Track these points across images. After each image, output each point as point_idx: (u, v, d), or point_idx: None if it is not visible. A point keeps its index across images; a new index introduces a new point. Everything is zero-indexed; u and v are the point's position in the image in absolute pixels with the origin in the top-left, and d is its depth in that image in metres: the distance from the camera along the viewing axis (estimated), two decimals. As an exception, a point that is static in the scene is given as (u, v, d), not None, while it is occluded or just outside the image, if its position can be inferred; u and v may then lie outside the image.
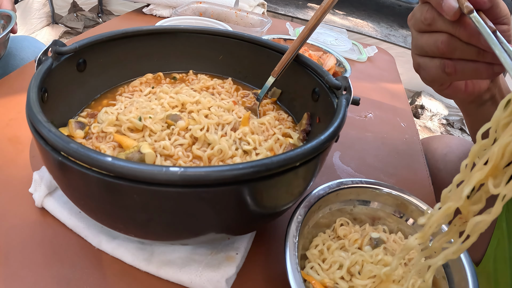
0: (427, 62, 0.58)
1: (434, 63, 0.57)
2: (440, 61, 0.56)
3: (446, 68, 0.55)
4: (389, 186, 0.58)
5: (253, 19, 1.38)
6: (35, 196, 0.57)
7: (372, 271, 0.49)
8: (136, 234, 0.45)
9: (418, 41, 0.58)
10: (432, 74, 0.58)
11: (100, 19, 3.50)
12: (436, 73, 0.57)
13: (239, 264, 0.52)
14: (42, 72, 0.50)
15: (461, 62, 0.55)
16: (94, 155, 0.35)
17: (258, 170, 0.36)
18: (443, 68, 0.56)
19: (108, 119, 0.56)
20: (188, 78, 0.74)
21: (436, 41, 0.55)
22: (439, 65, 0.56)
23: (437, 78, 0.58)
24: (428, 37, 0.56)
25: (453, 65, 0.55)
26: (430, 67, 0.58)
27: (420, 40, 0.57)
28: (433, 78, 0.59)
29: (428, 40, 0.56)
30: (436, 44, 0.55)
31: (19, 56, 1.14)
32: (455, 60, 0.55)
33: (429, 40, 0.56)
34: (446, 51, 0.54)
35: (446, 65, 0.55)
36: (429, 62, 0.57)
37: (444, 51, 0.55)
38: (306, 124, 0.63)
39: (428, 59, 0.57)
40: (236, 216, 0.43)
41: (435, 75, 0.57)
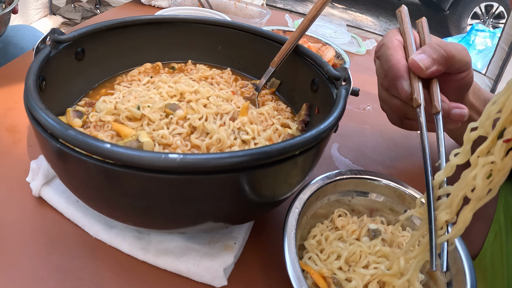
0: (389, 112, 0.64)
1: (394, 116, 0.63)
2: (398, 117, 0.62)
3: (403, 124, 0.62)
4: (387, 178, 0.59)
5: (252, 10, 1.38)
6: (33, 185, 0.57)
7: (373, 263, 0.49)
8: (134, 222, 0.45)
9: (380, 92, 0.63)
10: (394, 122, 0.64)
11: (98, 10, 3.48)
12: (395, 123, 0.64)
13: (237, 253, 0.53)
14: (40, 61, 0.50)
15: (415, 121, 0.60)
16: (92, 141, 0.35)
17: (257, 157, 0.36)
18: (401, 122, 0.62)
19: (106, 108, 0.55)
20: (186, 68, 0.74)
21: (391, 106, 0.60)
22: (397, 120, 0.62)
23: (398, 126, 0.64)
24: (387, 96, 0.61)
25: (409, 123, 0.61)
26: (391, 117, 0.64)
27: (381, 93, 0.63)
28: (395, 124, 0.65)
29: (387, 99, 0.61)
30: (391, 108, 0.61)
31: (19, 45, 1.14)
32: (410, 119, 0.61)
33: (388, 99, 0.61)
34: (401, 114, 0.60)
35: (402, 122, 0.62)
36: (390, 113, 0.64)
37: (399, 114, 0.60)
38: (305, 115, 0.63)
39: (390, 110, 0.63)
40: (234, 205, 0.43)
41: (396, 124, 0.64)
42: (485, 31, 3.74)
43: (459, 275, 0.49)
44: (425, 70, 0.53)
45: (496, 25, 4.39)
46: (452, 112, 0.55)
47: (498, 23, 4.38)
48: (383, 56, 0.58)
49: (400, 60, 0.55)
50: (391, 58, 0.56)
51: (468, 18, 4.51)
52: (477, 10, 4.49)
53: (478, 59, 3.53)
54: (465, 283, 0.47)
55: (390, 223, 0.59)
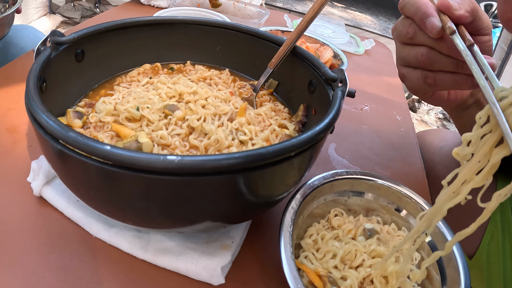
0: (410, 72, 0.61)
1: (416, 74, 0.60)
2: (422, 72, 0.59)
3: (427, 79, 0.58)
4: (384, 178, 0.59)
5: (251, 11, 1.38)
6: (33, 185, 0.57)
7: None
8: (133, 222, 0.46)
9: (401, 52, 0.61)
10: (415, 84, 0.61)
11: (97, 9, 3.48)
12: (418, 84, 0.60)
13: (235, 252, 0.53)
14: (41, 62, 0.50)
15: (441, 73, 0.58)
16: (92, 143, 0.36)
17: (253, 159, 0.37)
18: (424, 79, 0.59)
19: (106, 108, 0.56)
20: (185, 68, 0.74)
21: (416, 54, 0.58)
22: (420, 76, 0.59)
23: (419, 88, 0.61)
24: (409, 49, 0.59)
25: (433, 77, 0.58)
26: (412, 78, 0.61)
27: (403, 52, 0.60)
28: (416, 88, 0.62)
29: (410, 53, 0.59)
30: (416, 56, 0.58)
31: (19, 45, 1.15)
32: (435, 71, 0.58)
33: (411, 52, 0.59)
34: (426, 63, 0.57)
35: (427, 76, 0.58)
36: (411, 72, 0.61)
37: (425, 64, 0.58)
38: (302, 116, 0.63)
39: (411, 70, 0.61)
40: (231, 205, 0.44)
41: (418, 85, 0.61)
42: (484, 31, 3.73)
43: (454, 274, 0.49)
44: (454, 10, 0.52)
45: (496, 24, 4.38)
46: None
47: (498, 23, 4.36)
48: (410, 1, 0.57)
49: (428, 2, 0.55)
50: (418, 0, 0.55)
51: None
52: (477, 9, 4.48)
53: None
54: (459, 282, 0.48)
55: (386, 223, 0.59)
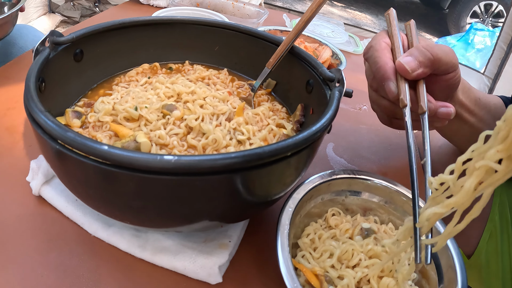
0: (378, 112, 0.65)
1: (383, 115, 0.64)
2: (388, 117, 0.63)
3: (392, 124, 0.63)
4: (381, 178, 0.60)
5: (249, 10, 1.38)
6: (33, 185, 0.57)
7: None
8: (131, 221, 0.46)
9: (370, 93, 0.65)
10: (384, 122, 0.65)
11: (97, 8, 3.48)
12: (386, 123, 0.65)
13: (232, 251, 0.54)
14: (40, 62, 0.50)
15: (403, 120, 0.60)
16: (90, 143, 0.36)
17: (250, 159, 0.37)
18: (390, 122, 0.63)
19: (105, 108, 0.56)
20: (184, 68, 0.75)
21: (380, 104, 0.62)
22: (387, 119, 0.64)
23: (388, 125, 0.65)
24: (376, 96, 0.63)
25: (398, 122, 0.63)
26: (381, 117, 0.65)
27: (371, 94, 0.64)
28: (385, 124, 0.66)
29: (376, 99, 0.63)
30: (380, 108, 0.62)
31: (18, 45, 1.15)
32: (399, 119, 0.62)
33: (377, 100, 0.62)
34: (390, 114, 0.62)
35: (392, 121, 0.63)
36: (380, 113, 0.65)
37: (388, 114, 0.62)
38: (299, 115, 0.64)
39: (379, 110, 0.64)
40: (228, 204, 0.44)
41: (386, 123, 0.65)
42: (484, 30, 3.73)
43: (450, 273, 0.49)
44: (411, 72, 0.54)
45: (495, 24, 4.39)
46: (439, 111, 0.56)
47: (497, 22, 4.37)
48: (371, 58, 0.59)
49: (387, 62, 0.56)
50: (378, 60, 0.57)
51: (467, 17, 4.51)
52: (476, 9, 4.49)
53: (476, 58, 3.53)
54: (456, 281, 0.48)
55: (383, 222, 0.60)
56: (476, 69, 3.22)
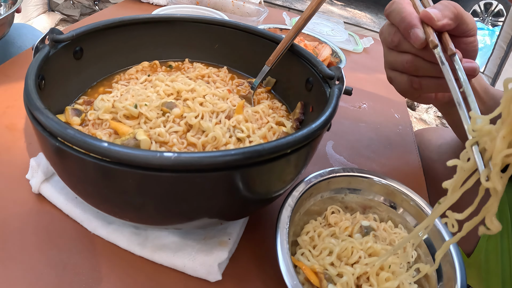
0: (397, 76, 0.63)
1: (403, 78, 0.62)
2: (408, 77, 0.61)
3: (413, 84, 0.61)
4: (380, 176, 0.60)
5: (249, 9, 1.38)
6: (32, 182, 0.57)
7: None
8: (131, 218, 0.46)
9: (387, 57, 0.63)
10: (402, 88, 0.64)
11: (96, 6, 3.48)
12: (405, 87, 0.63)
13: (232, 249, 0.54)
14: (40, 60, 0.50)
15: (426, 78, 0.60)
16: (90, 140, 0.36)
17: (249, 156, 0.37)
18: (411, 84, 0.61)
19: (104, 106, 0.56)
20: (183, 66, 0.75)
21: (402, 61, 0.60)
22: (407, 81, 0.62)
23: (406, 90, 0.63)
24: (395, 55, 0.61)
25: (419, 82, 0.60)
26: (399, 81, 0.63)
27: (389, 57, 0.63)
28: (403, 90, 0.64)
29: (396, 59, 0.61)
30: (402, 63, 0.60)
31: (17, 44, 1.15)
32: (421, 77, 0.60)
33: (397, 59, 0.61)
34: (411, 70, 0.60)
35: (413, 81, 0.61)
36: (398, 76, 0.63)
37: (410, 70, 0.60)
38: (299, 113, 0.64)
39: (398, 74, 0.63)
40: (228, 202, 0.44)
41: (405, 88, 0.63)
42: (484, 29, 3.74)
43: (450, 271, 0.50)
44: (436, 20, 0.54)
45: (495, 23, 4.39)
46: (464, 65, 0.55)
47: (497, 21, 4.38)
48: (395, 10, 0.58)
49: (413, 12, 0.56)
50: (403, 10, 0.57)
51: (467, 16, 4.50)
52: (476, 8, 4.49)
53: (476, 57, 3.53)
54: (455, 279, 0.48)
55: (383, 220, 0.60)
56: (476, 68, 3.22)
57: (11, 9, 0.89)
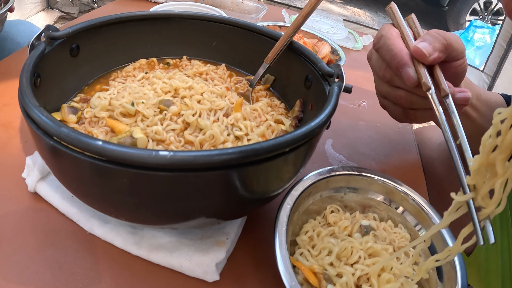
0: (390, 106, 0.64)
1: (397, 109, 0.63)
2: (402, 109, 0.62)
3: (408, 115, 0.62)
4: (380, 175, 0.59)
5: (248, 6, 1.38)
6: (28, 181, 0.57)
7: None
8: (127, 218, 0.46)
9: (379, 87, 0.64)
10: (397, 116, 0.64)
11: (95, 4, 3.47)
12: (400, 117, 0.64)
13: (229, 248, 0.53)
14: (35, 57, 0.50)
15: (421, 110, 0.61)
16: (85, 139, 0.35)
17: (246, 155, 0.37)
18: (406, 115, 0.62)
19: (101, 104, 0.56)
20: (181, 63, 0.74)
21: (395, 96, 0.60)
22: (401, 112, 0.62)
23: (401, 120, 0.64)
24: (387, 88, 0.61)
25: (414, 114, 0.61)
26: (393, 111, 0.64)
27: (381, 88, 0.63)
28: (398, 119, 0.65)
29: (388, 92, 0.61)
30: (395, 99, 0.61)
31: (15, 40, 1.14)
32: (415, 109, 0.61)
33: (389, 92, 0.61)
34: (406, 104, 0.60)
35: (407, 113, 0.62)
36: (392, 106, 0.64)
37: (404, 104, 0.61)
38: (298, 111, 0.63)
39: (391, 104, 0.64)
40: (225, 201, 0.43)
41: (400, 118, 0.64)
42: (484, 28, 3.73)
43: (450, 271, 0.49)
44: (428, 56, 0.53)
45: (495, 21, 4.39)
46: (457, 96, 0.55)
47: (497, 20, 4.37)
48: (384, 46, 0.57)
49: (403, 49, 0.55)
50: (393, 48, 0.56)
51: (467, 15, 4.51)
52: (476, 6, 4.49)
53: (476, 56, 3.53)
54: (456, 280, 0.48)
55: (383, 220, 0.59)
56: (476, 67, 3.23)
57: (4, 8, 0.88)
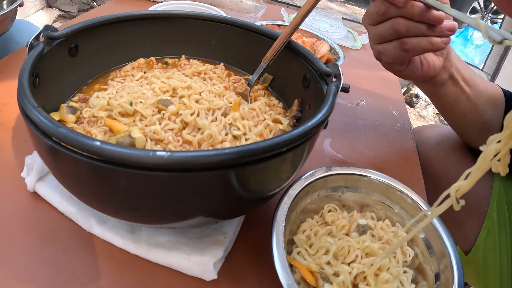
0: (385, 46, 0.65)
1: (393, 44, 0.64)
2: (397, 41, 0.63)
3: (404, 45, 0.62)
4: (377, 174, 0.59)
5: (247, 5, 1.38)
6: (27, 181, 0.57)
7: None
8: (125, 217, 0.46)
9: (375, 31, 0.65)
10: (392, 55, 0.65)
11: (94, 2, 3.47)
12: (395, 53, 0.64)
13: (227, 248, 0.53)
14: (34, 57, 0.50)
15: (415, 38, 0.62)
16: (83, 139, 0.36)
17: (243, 155, 0.37)
18: (401, 46, 0.63)
19: (100, 103, 0.56)
20: (180, 63, 0.74)
21: (392, 24, 0.62)
22: (397, 45, 0.63)
23: (397, 57, 0.65)
24: (383, 24, 0.63)
25: (410, 41, 0.62)
26: (389, 50, 0.65)
27: (377, 30, 0.65)
28: (393, 59, 0.66)
29: (385, 27, 0.63)
30: (393, 26, 0.62)
31: (15, 40, 1.14)
32: (410, 37, 0.62)
33: (386, 26, 0.63)
34: (402, 31, 0.61)
35: (403, 42, 0.62)
36: (387, 45, 0.65)
37: (401, 31, 0.61)
38: (296, 111, 0.63)
39: (387, 43, 0.65)
40: (223, 200, 0.43)
41: (395, 55, 0.64)
42: (483, 26, 3.72)
43: (447, 272, 0.49)
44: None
45: (495, 20, 4.38)
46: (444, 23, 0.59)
47: (497, 19, 4.37)
48: None
49: None
50: None
51: (466, 13, 4.50)
52: (476, 5, 4.48)
53: (475, 54, 3.53)
54: (453, 279, 0.48)
55: (380, 219, 0.59)
56: (475, 65, 3.23)
57: (15, 3, 0.88)
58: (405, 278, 0.50)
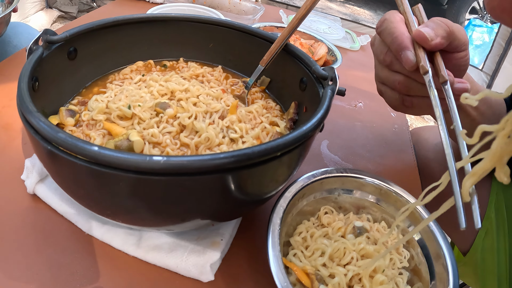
0: (388, 92, 0.63)
1: (394, 94, 0.62)
2: (399, 95, 0.61)
3: (405, 102, 0.61)
4: (374, 176, 0.60)
5: (245, 6, 1.38)
6: (27, 183, 0.58)
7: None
8: (123, 220, 0.46)
9: (379, 71, 0.63)
10: (393, 103, 0.64)
11: (94, 3, 3.47)
12: (396, 103, 0.63)
13: (224, 249, 0.54)
14: (33, 62, 0.50)
15: (418, 98, 0.60)
16: (81, 144, 0.36)
17: (239, 159, 0.37)
18: (402, 102, 0.61)
19: (98, 107, 0.56)
20: (178, 65, 0.75)
21: (394, 81, 0.60)
22: (398, 98, 0.62)
23: (397, 106, 0.63)
24: (387, 73, 0.61)
25: (411, 100, 0.61)
26: (390, 97, 0.63)
27: (381, 73, 0.63)
28: (394, 106, 0.64)
29: (388, 76, 0.61)
30: (393, 83, 0.60)
31: (13, 43, 1.14)
32: (413, 96, 0.60)
33: (388, 76, 0.61)
34: (403, 90, 0.60)
35: (404, 100, 0.61)
36: (389, 92, 0.63)
37: (401, 90, 0.60)
38: (293, 113, 0.64)
39: (389, 90, 0.63)
40: (219, 204, 0.44)
41: (396, 105, 0.63)
42: (483, 26, 3.73)
43: (442, 272, 0.50)
44: (430, 40, 0.53)
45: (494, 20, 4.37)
46: (455, 86, 0.55)
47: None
48: (386, 29, 0.58)
49: (404, 32, 0.56)
50: (395, 31, 0.56)
51: (466, 13, 4.50)
52: (475, 5, 4.48)
53: (475, 54, 3.54)
54: (448, 281, 0.48)
55: (376, 221, 0.60)
56: (475, 66, 3.23)
57: (8, 9, 0.89)
58: (400, 280, 0.51)
